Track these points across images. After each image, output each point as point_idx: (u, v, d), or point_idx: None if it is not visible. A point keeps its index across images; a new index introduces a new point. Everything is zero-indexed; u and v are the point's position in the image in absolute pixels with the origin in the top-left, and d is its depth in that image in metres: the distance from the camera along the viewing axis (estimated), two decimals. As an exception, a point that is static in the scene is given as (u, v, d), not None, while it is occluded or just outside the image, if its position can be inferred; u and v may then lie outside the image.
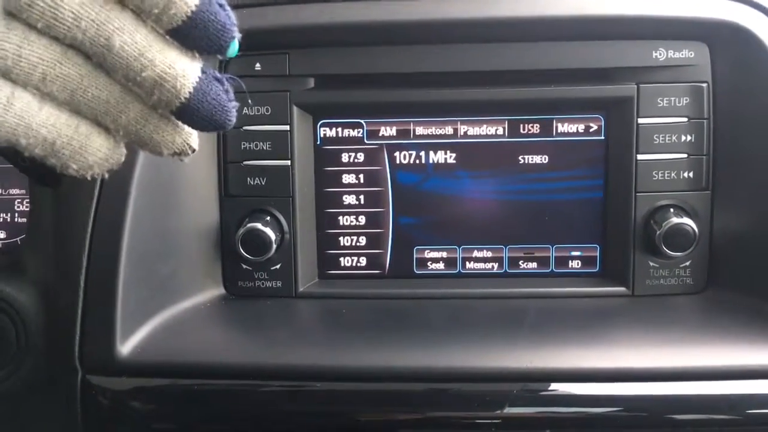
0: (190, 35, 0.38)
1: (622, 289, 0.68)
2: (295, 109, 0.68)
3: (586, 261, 0.70)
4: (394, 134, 0.69)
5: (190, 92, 0.38)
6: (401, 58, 0.67)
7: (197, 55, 0.39)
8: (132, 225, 0.60)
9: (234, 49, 0.39)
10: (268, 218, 0.68)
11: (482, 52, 0.66)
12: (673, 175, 0.66)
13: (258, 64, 0.67)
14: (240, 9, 0.64)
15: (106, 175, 0.40)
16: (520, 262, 0.71)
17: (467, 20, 0.63)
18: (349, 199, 0.71)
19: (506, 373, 0.58)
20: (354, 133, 0.69)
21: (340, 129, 0.69)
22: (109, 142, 0.39)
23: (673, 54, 0.65)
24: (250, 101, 0.66)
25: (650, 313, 0.65)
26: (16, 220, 0.79)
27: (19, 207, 0.79)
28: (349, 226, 0.71)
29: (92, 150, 0.39)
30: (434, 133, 0.69)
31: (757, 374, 0.58)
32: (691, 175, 0.66)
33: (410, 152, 0.70)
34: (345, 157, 0.70)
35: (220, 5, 0.38)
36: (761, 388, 0.58)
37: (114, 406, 0.61)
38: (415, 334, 0.63)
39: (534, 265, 0.71)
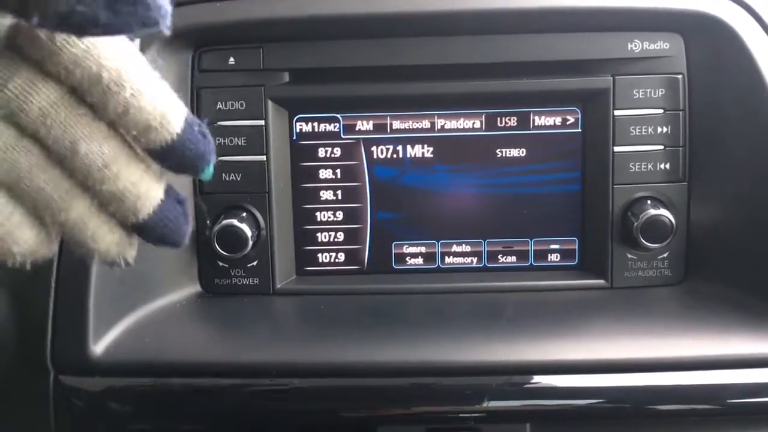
0: (166, 160, 0.37)
1: (600, 281, 0.68)
2: (270, 103, 0.67)
3: (565, 254, 0.70)
4: (371, 129, 0.69)
5: (148, 214, 0.37)
6: (377, 51, 0.66)
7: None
8: (104, 222, 0.59)
9: (209, 173, 0.38)
10: (244, 214, 0.67)
11: (458, 45, 0.66)
12: (649, 166, 0.66)
13: (232, 59, 0.66)
14: (213, 3, 0.63)
15: (28, 267, 0.38)
16: (499, 256, 0.70)
17: (443, 12, 0.62)
18: (326, 195, 0.70)
19: (486, 367, 0.57)
20: (330, 127, 0.69)
21: (316, 124, 0.69)
22: (40, 237, 0.37)
23: (648, 45, 0.65)
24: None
25: (629, 305, 0.65)
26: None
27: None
28: (327, 222, 0.70)
29: (19, 240, 0.36)
30: (411, 127, 0.69)
31: (735, 364, 0.58)
32: (667, 166, 0.67)
33: (387, 147, 0.69)
34: (321, 152, 0.69)
35: (202, 134, 0.37)
36: (741, 378, 0.58)
37: (87, 406, 0.60)
38: (394, 329, 0.62)
39: (513, 258, 0.70)
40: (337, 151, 0.69)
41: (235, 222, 0.65)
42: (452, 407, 0.57)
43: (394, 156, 0.69)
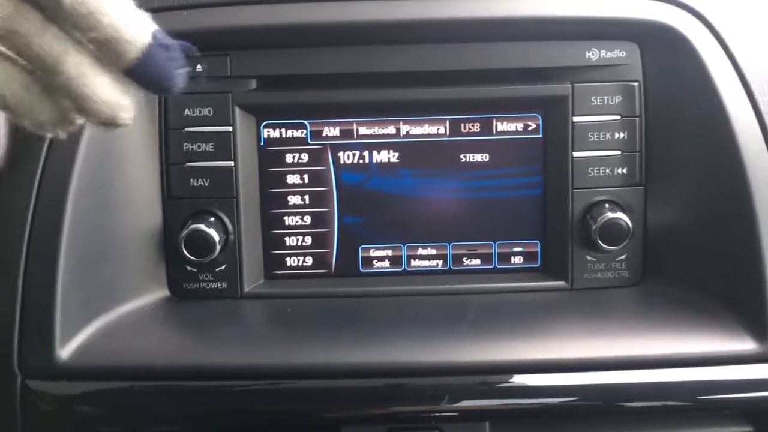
0: (134, 74, 0.39)
1: (561, 283, 0.70)
2: (237, 110, 0.68)
3: (528, 257, 0.72)
4: (338, 134, 0.70)
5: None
6: (343, 58, 0.67)
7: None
8: (71, 226, 0.60)
9: (177, 89, 0.41)
10: (212, 219, 0.68)
11: (423, 53, 0.67)
12: (607, 171, 0.68)
13: (199, 66, 0.67)
14: (180, 11, 0.64)
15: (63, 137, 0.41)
16: (464, 259, 0.72)
17: (407, 21, 0.64)
18: (294, 200, 0.71)
19: (447, 367, 0.59)
20: (297, 133, 0.70)
21: (283, 130, 0.70)
22: (58, 108, 0.40)
23: (606, 54, 0.67)
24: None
25: (589, 306, 0.67)
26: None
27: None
28: (295, 226, 0.71)
29: (45, 111, 0.40)
30: (377, 133, 0.70)
31: (691, 362, 0.60)
32: (624, 171, 0.69)
33: (354, 152, 0.70)
34: (289, 158, 0.70)
35: (167, 48, 0.40)
36: (695, 376, 0.60)
37: (55, 411, 0.60)
38: (361, 331, 0.63)
39: (477, 261, 0.72)
40: (305, 157, 0.70)
41: (203, 227, 0.66)
42: (414, 407, 0.58)
43: (361, 161, 0.71)
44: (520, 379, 0.58)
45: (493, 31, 0.66)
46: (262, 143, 0.70)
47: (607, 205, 0.68)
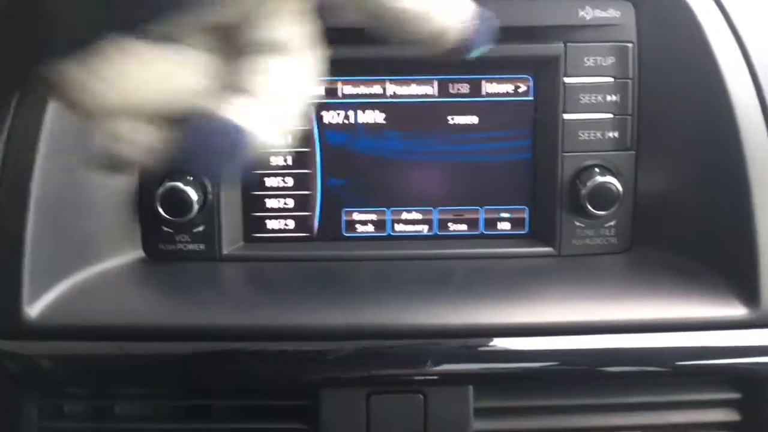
0: None
1: (548, 249, 0.68)
2: None
3: (515, 222, 0.70)
4: (322, 93, 0.68)
5: None
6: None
7: None
8: (40, 180, 0.57)
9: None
10: (190, 177, 0.65)
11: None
12: (598, 134, 0.67)
13: None
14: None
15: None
16: (450, 224, 0.70)
17: None
18: (275, 160, 0.69)
19: (429, 330, 0.57)
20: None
21: (265, 86, 0.67)
22: None
23: (600, 13, 0.65)
24: None
25: (576, 272, 0.65)
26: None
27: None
28: (276, 188, 0.69)
29: None
30: (363, 93, 0.68)
31: (679, 327, 0.59)
32: (616, 134, 0.67)
33: (338, 112, 0.68)
34: (271, 116, 0.68)
35: None
36: (683, 341, 0.59)
37: (22, 371, 0.58)
38: (342, 294, 0.62)
39: (464, 227, 0.70)
40: (287, 116, 0.68)
41: (180, 185, 0.64)
42: (396, 370, 0.57)
43: (345, 121, 0.68)
44: (504, 343, 0.57)
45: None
46: (242, 100, 0.67)
47: (596, 170, 0.66)
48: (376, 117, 0.68)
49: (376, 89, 0.68)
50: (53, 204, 0.58)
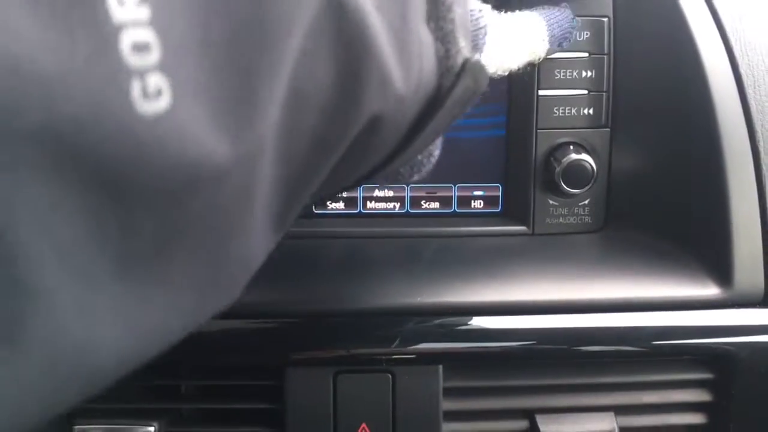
0: None
1: (522, 227, 0.67)
2: None
3: (489, 201, 0.69)
4: None
5: None
6: None
7: None
8: None
9: None
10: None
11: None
12: (573, 111, 0.65)
13: None
14: None
15: None
16: (422, 202, 0.69)
17: None
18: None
19: (403, 308, 0.56)
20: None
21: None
22: None
23: (575, -14, 0.64)
24: None
25: (550, 251, 0.64)
26: None
27: None
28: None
29: None
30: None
31: (652, 306, 0.58)
32: (590, 111, 0.66)
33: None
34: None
35: None
36: (656, 321, 0.58)
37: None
38: (310, 271, 0.60)
39: (436, 204, 0.69)
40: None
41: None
42: (362, 349, 0.55)
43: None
44: (476, 322, 0.56)
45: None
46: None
47: (571, 147, 0.65)
48: (347, 92, 0.66)
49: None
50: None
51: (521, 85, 0.66)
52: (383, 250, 0.64)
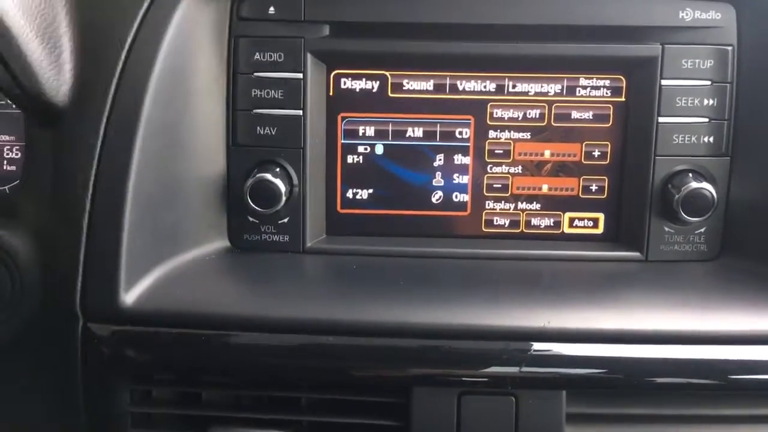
0: None
1: (636, 254, 0.67)
2: (309, 56, 0.65)
3: (593, 223, 0.69)
4: (425, 88, 0.67)
5: None
6: (422, 8, 0.64)
7: None
8: (138, 167, 0.58)
9: None
10: (278, 169, 0.65)
11: (505, 6, 0.64)
12: (693, 139, 0.65)
13: (272, 8, 0.64)
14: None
15: None
16: (533, 222, 0.69)
17: None
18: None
19: (523, 332, 0.56)
20: (371, 84, 0.67)
21: (356, 80, 0.67)
22: None
23: (700, 15, 0.64)
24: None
25: (665, 278, 0.64)
26: (4, 167, 0.75)
27: (8, 154, 0.76)
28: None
29: None
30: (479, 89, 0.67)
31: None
32: (711, 140, 0.65)
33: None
34: (361, 110, 0.67)
35: None
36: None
37: (115, 354, 0.59)
38: (432, 292, 0.61)
39: (550, 223, 0.69)
40: (378, 109, 0.67)
41: (269, 176, 0.64)
42: (487, 371, 0.56)
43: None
44: (599, 349, 0.56)
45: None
46: (331, 92, 0.67)
47: (690, 175, 0.65)
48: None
49: (492, 86, 0.67)
50: (148, 195, 0.59)
51: (640, 111, 0.66)
52: (501, 272, 0.65)
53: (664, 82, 0.64)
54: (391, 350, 0.57)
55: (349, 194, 0.69)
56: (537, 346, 0.56)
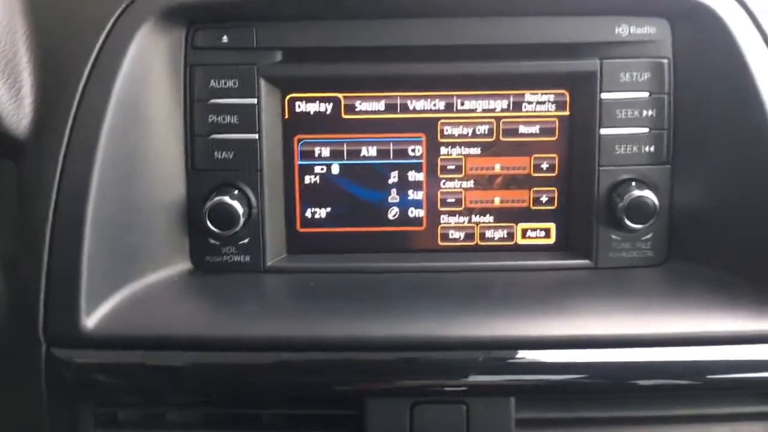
0: None
1: (585, 261, 0.69)
2: (262, 82, 0.67)
3: (545, 233, 0.71)
4: (375, 108, 0.69)
5: None
6: (370, 31, 0.67)
7: None
8: (97, 196, 0.60)
9: None
10: (236, 192, 0.68)
11: (450, 27, 0.67)
12: (634, 149, 0.68)
13: (225, 37, 0.67)
14: (207, -19, 0.64)
15: None
16: (488, 234, 0.71)
17: None
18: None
19: (472, 342, 0.58)
20: (325, 107, 0.69)
21: (310, 103, 0.69)
22: None
23: (635, 30, 0.66)
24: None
25: (613, 284, 0.67)
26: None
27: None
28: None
29: None
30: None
31: (716, 341, 0.60)
32: (652, 149, 0.68)
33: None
34: (315, 132, 0.70)
35: None
36: (721, 354, 0.60)
37: (79, 378, 0.60)
38: (385, 305, 0.63)
39: (503, 235, 0.71)
40: (332, 130, 0.70)
41: (227, 199, 0.66)
42: (438, 381, 0.58)
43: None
44: (545, 356, 0.58)
45: (523, 6, 0.65)
46: (286, 116, 0.70)
47: (633, 183, 0.67)
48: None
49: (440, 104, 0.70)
50: (107, 221, 0.61)
51: (582, 124, 0.68)
52: (453, 284, 0.67)
53: (603, 95, 0.67)
54: (345, 363, 0.59)
55: (308, 213, 0.71)
56: (485, 354, 0.58)
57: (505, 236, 0.72)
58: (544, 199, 0.71)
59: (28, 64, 0.62)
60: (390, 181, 0.71)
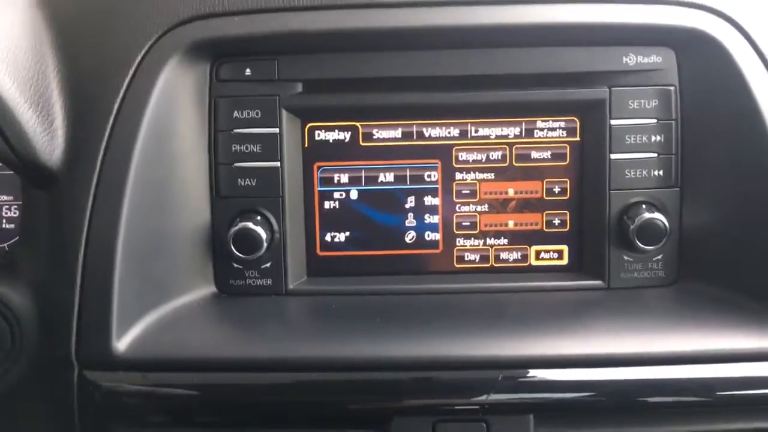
0: None
1: (598, 282, 0.71)
2: (284, 112, 0.70)
3: (559, 255, 0.73)
4: (392, 136, 0.72)
5: None
6: (388, 63, 0.69)
7: None
8: (127, 224, 0.62)
9: None
10: (259, 217, 0.70)
11: (465, 58, 0.69)
12: (644, 173, 0.70)
13: (248, 70, 0.70)
14: (231, 17, 0.66)
15: None
16: (502, 256, 0.73)
17: (450, 27, 0.66)
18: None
19: (491, 361, 0.60)
20: (344, 135, 0.72)
21: (328, 132, 0.72)
22: None
23: (642, 59, 0.69)
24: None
25: (625, 304, 0.68)
26: (3, 225, 0.80)
27: (6, 213, 0.80)
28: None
29: None
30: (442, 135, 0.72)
31: (725, 358, 0.61)
32: (660, 173, 0.70)
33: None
34: (334, 159, 0.72)
35: None
36: (730, 372, 0.61)
37: (110, 400, 0.62)
38: (406, 326, 0.65)
39: (518, 257, 0.73)
40: (351, 158, 0.72)
41: (250, 225, 0.68)
42: (459, 399, 0.60)
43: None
44: (564, 374, 0.60)
45: (534, 37, 0.68)
46: (306, 144, 0.72)
47: (643, 206, 0.69)
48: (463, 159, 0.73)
49: (455, 132, 0.72)
50: (137, 248, 0.63)
51: (593, 149, 0.71)
52: (471, 305, 0.69)
53: (613, 122, 0.70)
54: (368, 383, 0.61)
55: (328, 238, 0.74)
56: (505, 373, 0.60)
57: (519, 258, 0.74)
58: (556, 221, 0.73)
59: (60, 97, 0.64)
60: (407, 206, 0.73)
